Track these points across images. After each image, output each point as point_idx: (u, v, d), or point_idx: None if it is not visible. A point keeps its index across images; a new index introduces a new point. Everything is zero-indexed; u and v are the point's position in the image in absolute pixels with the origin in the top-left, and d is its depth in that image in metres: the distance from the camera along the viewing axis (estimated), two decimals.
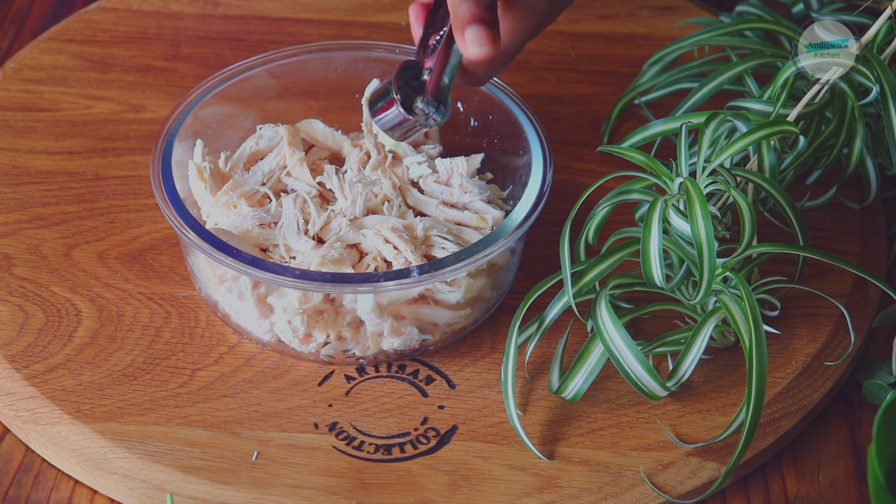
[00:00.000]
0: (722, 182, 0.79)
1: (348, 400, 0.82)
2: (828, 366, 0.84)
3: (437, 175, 0.89)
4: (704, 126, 0.80)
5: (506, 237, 0.81)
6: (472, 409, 0.82)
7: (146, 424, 0.80)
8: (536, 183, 0.84)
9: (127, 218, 0.92)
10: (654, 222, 0.77)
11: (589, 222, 0.83)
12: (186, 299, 0.87)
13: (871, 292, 0.89)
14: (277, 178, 0.89)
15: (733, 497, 0.80)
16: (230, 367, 0.84)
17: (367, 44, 0.93)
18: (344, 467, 0.79)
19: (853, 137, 0.87)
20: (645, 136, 0.87)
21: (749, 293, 0.77)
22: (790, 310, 0.87)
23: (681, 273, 0.81)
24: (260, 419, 0.81)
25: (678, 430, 0.81)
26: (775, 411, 0.82)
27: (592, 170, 0.94)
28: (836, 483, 0.81)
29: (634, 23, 1.08)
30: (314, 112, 0.93)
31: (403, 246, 0.83)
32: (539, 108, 0.91)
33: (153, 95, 1.01)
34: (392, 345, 0.83)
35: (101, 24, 1.06)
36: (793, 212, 0.82)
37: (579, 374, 0.80)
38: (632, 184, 0.81)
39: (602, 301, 0.79)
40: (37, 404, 0.81)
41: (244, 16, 1.08)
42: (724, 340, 0.85)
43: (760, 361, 0.76)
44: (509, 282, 0.87)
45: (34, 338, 0.85)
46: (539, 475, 0.79)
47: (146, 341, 0.85)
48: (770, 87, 0.86)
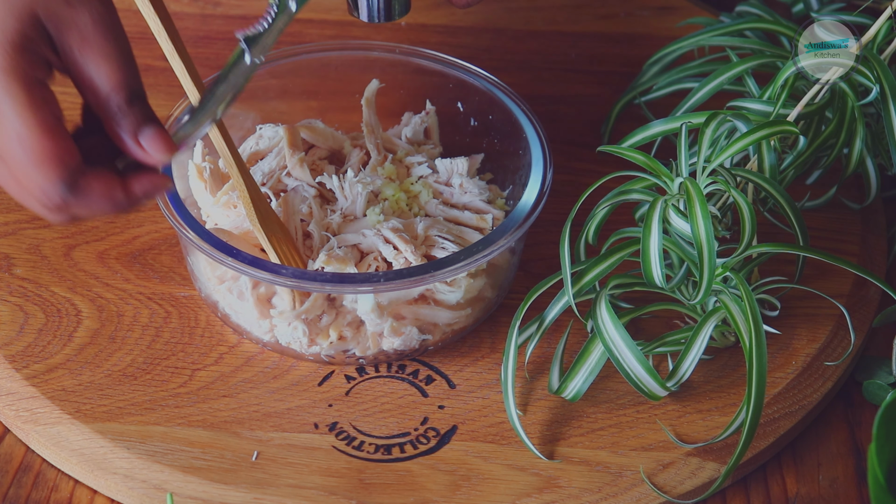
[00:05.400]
0: (722, 182, 0.79)
1: (348, 400, 0.82)
2: (828, 366, 0.84)
3: (437, 175, 0.89)
4: (704, 126, 0.80)
5: (506, 237, 0.81)
6: (472, 409, 0.82)
7: (146, 424, 0.80)
8: (536, 183, 0.84)
9: (127, 218, 0.92)
10: (654, 222, 0.77)
11: (589, 222, 0.83)
12: (186, 299, 0.87)
13: (871, 292, 0.89)
14: (277, 178, 0.89)
15: (733, 497, 0.80)
16: (230, 367, 0.84)
17: (367, 44, 0.93)
18: (344, 467, 0.79)
19: (853, 137, 0.87)
20: (645, 136, 0.87)
21: (749, 293, 0.77)
22: (790, 310, 0.87)
23: (681, 273, 0.81)
24: (260, 419, 0.81)
25: (678, 430, 0.81)
26: (775, 411, 0.82)
27: (592, 170, 0.94)
28: (836, 483, 0.81)
29: (634, 23, 1.08)
30: (314, 112, 0.93)
31: (403, 246, 0.83)
32: (539, 108, 0.91)
33: (153, 95, 0.99)
34: (392, 345, 0.83)
35: None
36: (793, 212, 0.82)
37: (579, 374, 0.80)
38: (632, 184, 0.81)
39: (602, 301, 0.79)
40: (37, 404, 0.81)
41: (244, 16, 1.08)
42: (724, 340, 0.85)
43: (760, 361, 0.76)
44: (509, 282, 0.87)
45: (34, 338, 0.85)
46: (539, 475, 0.79)
47: (146, 341, 0.85)
48: (770, 87, 0.86)
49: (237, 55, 0.73)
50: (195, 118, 0.73)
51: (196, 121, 0.73)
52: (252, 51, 0.73)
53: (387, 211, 0.86)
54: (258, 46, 0.73)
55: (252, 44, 0.73)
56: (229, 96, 0.74)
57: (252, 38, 0.73)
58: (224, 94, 0.73)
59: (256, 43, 0.73)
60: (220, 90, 0.73)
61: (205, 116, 0.73)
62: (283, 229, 0.84)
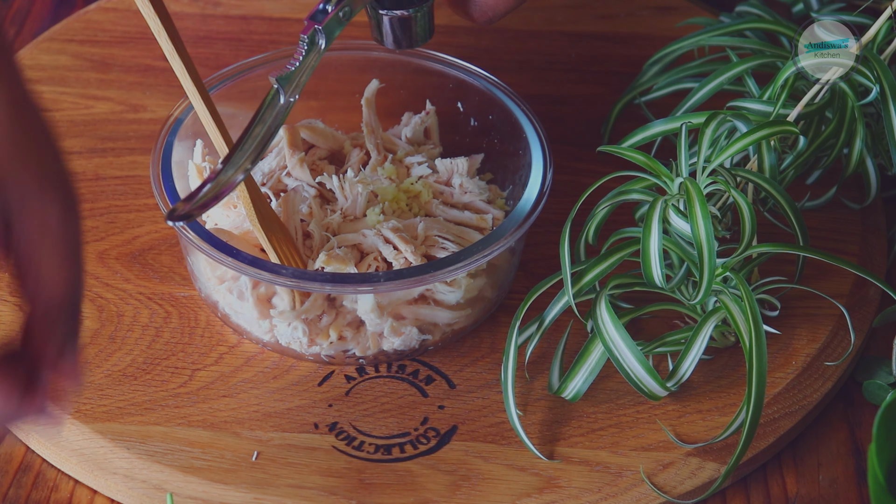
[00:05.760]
0: (722, 182, 0.79)
1: (348, 400, 0.82)
2: (828, 366, 0.84)
3: (438, 175, 0.89)
4: (704, 126, 0.80)
5: (506, 237, 0.81)
6: (472, 409, 0.82)
7: (146, 424, 0.80)
8: (536, 183, 0.84)
9: (127, 218, 0.92)
10: (654, 222, 0.77)
11: (589, 222, 0.83)
12: (186, 299, 0.87)
13: (871, 292, 0.89)
14: (277, 178, 0.89)
15: (733, 497, 0.80)
16: (230, 367, 0.84)
17: (367, 44, 0.92)
18: (344, 467, 0.79)
19: (853, 137, 0.87)
20: (645, 136, 0.87)
21: (749, 293, 0.77)
22: (790, 310, 0.87)
23: (681, 273, 0.81)
24: (260, 419, 0.81)
25: (678, 430, 0.81)
26: (775, 411, 0.82)
27: (592, 170, 0.94)
28: (836, 483, 0.81)
29: (634, 23, 1.08)
30: (314, 112, 0.93)
31: (403, 246, 0.83)
32: (539, 108, 0.91)
33: (153, 95, 1.01)
34: (392, 345, 0.83)
35: (101, 24, 1.06)
36: (793, 212, 0.82)
37: (579, 374, 0.80)
38: (632, 184, 0.81)
39: (602, 301, 0.79)
40: None
41: (244, 16, 1.07)
42: (724, 340, 0.85)
43: (760, 361, 0.76)
44: (509, 282, 0.87)
45: None
46: (539, 475, 0.79)
47: (146, 341, 0.85)
48: (770, 87, 0.86)
49: (272, 96, 0.76)
50: (233, 162, 0.74)
51: (235, 164, 0.74)
52: (286, 90, 0.76)
53: (387, 211, 0.86)
54: (291, 85, 0.76)
55: (285, 83, 0.76)
56: (266, 136, 0.75)
57: (285, 79, 0.76)
58: (261, 135, 0.75)
59: (289, 82, 0.76)
60: (257, 131, 0.75)
61: (244, 159, 0.74)
62: (283, 229, 0.84)
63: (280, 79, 0.76)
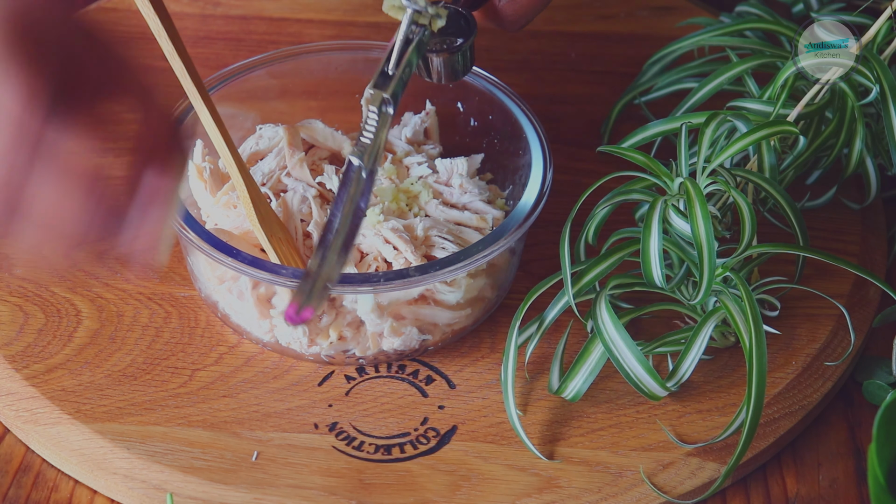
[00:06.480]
0: (722, 182, 0.79)
1: (348, 400, 0.82)
2: (828, 366, 0.84)
3: (437, 175, 0.89)
4: (704, 126, 0.80)
5: (506, 237, 0.81)
6: (472, 410, 0.82)
7: (146, 424, 0.80)
8: (536, 183, 0.84)
9: None
10: (654, 222, 0.77)
11: (589, 222, 0.83)
12: (186, 299, 0.87)
13: (871, 292, 0.89)
14: (277, 179, 0.89)
15: (733, 497, 0.80)
16: (230, 368, 0.84)
17: (367, 44, 0.93)
18: (344, 467, 0.79)
19: (853, 137, 0.87)
20: (645, 136, 0.87)
21: (749, 293, 0.77)
22: (790, 310, 0.87)
23: (681, 273, 0.81)
24: (260, 419, 0.81)
25: (678, 430, 0.81)
26: (775, 411, 0.82)
27: (592, 170, 0.94)
28: (836, 483, 0.81)
29: (634, 23, 1.08)
30: (314, 112, 0.93)
31: (403, 246, 0.83)
32: (539, 108, 0.91)
33: None
34: (392, 345, 0.83)
35: (101, 25, 1.06)
36: (793, 212, 0.82)
37: (579, 374, 0.80)
38: (632, 184, 0.81)
39: (602, 301, 0.79)
40: (37, 404, 0.81)
41: (244, 16, 1.07)
42: (724, 340, 0.85)
43: (760, 361, 0.76)
44: (509, 282, 0.87)
45: (34, 338, 0.85)
46: (539, 475, 0.79)
47: (146, 341, 0.85)
48: (770, 87, 0.86)
49: (356, 174, 0.73)
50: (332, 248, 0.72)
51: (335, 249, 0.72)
52: (366, 163, 0.74)
53: (387, 211, 0.86)
54: (369, 157, 0.74)
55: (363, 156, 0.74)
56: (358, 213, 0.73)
57: (363, 153, 0.74)
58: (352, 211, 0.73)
59: (367, 154, 0.74)
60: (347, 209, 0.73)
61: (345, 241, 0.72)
62: (283, 229, 0.84)
63: (360, 156, 0.74)
